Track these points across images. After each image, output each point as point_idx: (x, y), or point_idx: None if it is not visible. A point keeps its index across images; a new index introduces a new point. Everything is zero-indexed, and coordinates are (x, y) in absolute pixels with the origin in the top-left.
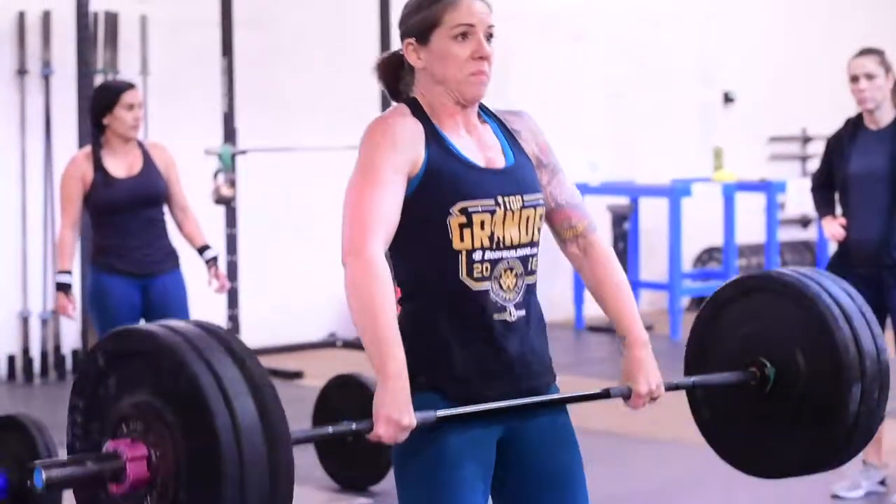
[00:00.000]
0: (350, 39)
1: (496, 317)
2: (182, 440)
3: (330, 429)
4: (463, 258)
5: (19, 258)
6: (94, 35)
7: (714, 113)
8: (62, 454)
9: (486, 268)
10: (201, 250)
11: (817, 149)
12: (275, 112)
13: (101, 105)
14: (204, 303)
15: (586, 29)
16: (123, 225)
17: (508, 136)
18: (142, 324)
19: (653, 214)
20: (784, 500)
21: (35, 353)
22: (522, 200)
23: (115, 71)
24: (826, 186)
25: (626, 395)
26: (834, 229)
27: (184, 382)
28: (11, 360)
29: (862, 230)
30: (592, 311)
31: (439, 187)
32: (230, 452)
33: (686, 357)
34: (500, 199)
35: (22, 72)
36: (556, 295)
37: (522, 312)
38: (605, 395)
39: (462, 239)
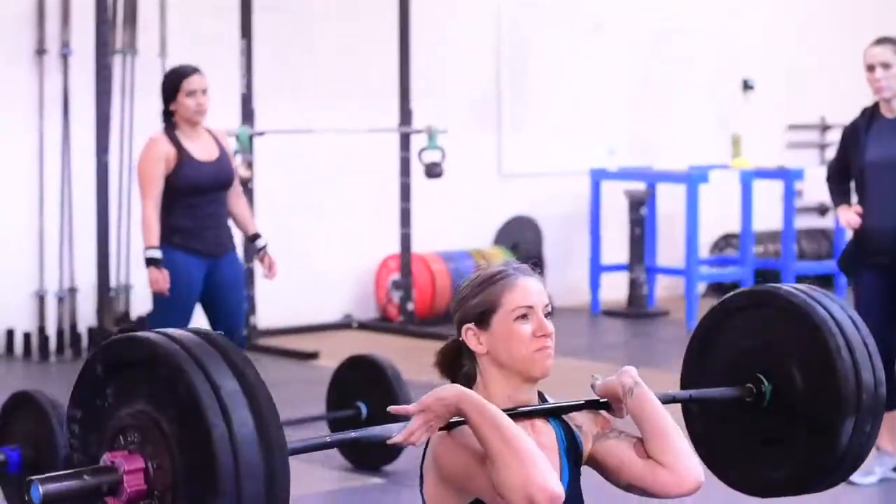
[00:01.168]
0: (370, 22)
1: None
2: (179, 452)
3: (328, 438)
4: None
5: (36, 237)
6: (113, 16)
7: (733, 100)
8: None
9: None
10: (253, 238)
11: (836, 137)
12: (293, 94)
13: (166, 91)
14: None
15: (606, 16)
16: (201, 207)
17: (569, 442)
18: (140, 332)
19: (670, 200)
20: None
21: (51, 331)
22: None
23: (134, 52)
24: (842, 175)
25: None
26: (849, 217)
27: (181, 392)
28: (27, 337)
29: (878, 218)
30: (608, 295)
31: None
32: (227, 465)
33: (684, 364)
34: None
35: (41, 52)
36: (571, 279)
37: None
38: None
39: None
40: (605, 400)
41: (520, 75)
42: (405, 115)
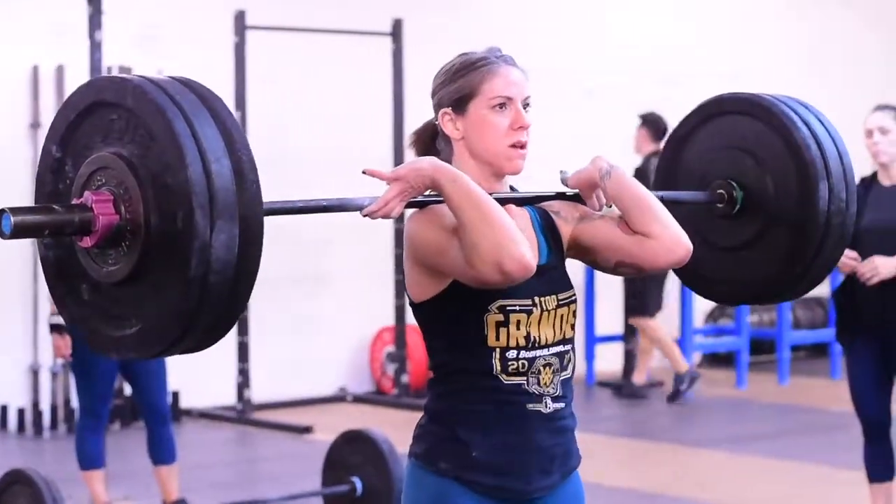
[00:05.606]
0: (364, 95)
1: (530, 407)
2: (147, 176)
3: (299, 203)
4: (497, 355)
5: (30, 312)
6: None
7: None
8: None
9: (522, 364)
10: None
11: None
12: (287, 167)
13: None
14: (216, 357)
15: (599, 84)
16: None
17: (546, 222)
18: (112, 75)
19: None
20: None
21: (45, 406)
22: (557, 300)
23: None
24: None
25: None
26: (848, 257)
27: (146, 111)
28: (21, 413)
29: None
30: (603, 366)
31: None
32: (197, 174)
33: (656, 175)
34: (536, 299)
35: (35, 125)
36: None
37: (560, 405)
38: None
39: (497, 337)
40: (577, 192)
41: None
42: None
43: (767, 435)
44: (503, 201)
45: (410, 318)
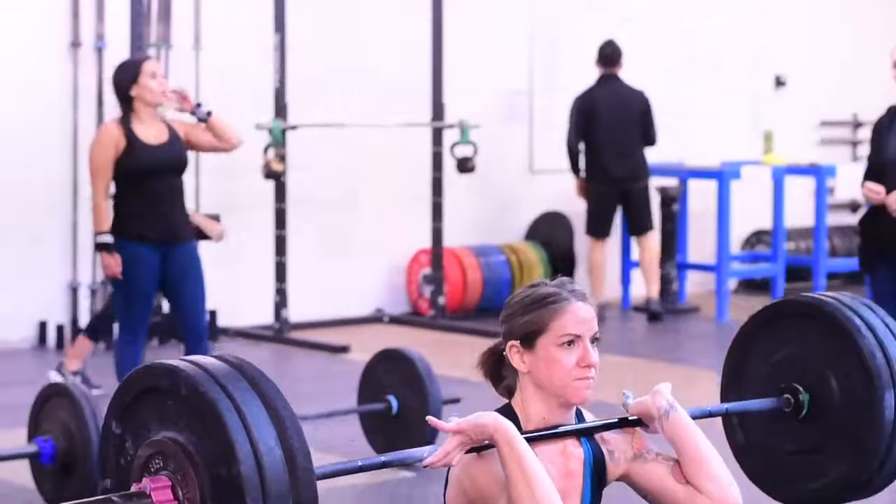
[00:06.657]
0: (402, 16)
1: None
2: (205, 471)
3: (360, 462)
4: None
5: (69, 230)
6: (147, 9)
7: (765, 96)
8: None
9: None
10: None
11: (868, 134)
12: (326, 88)
13: (126, 78)
14: (254, 277)
15: (637, 11)
16: (151, 191)
17: (598, 462)
18: (166, 360)
19: (702, 197)
20: None
21: (83, 323)
22: None
23: (168, 45)
24: (874, 174)
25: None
26: (873, 187)
27: (205, 411)
28: (60, 329)
29: None
30: (638, 291)
31: None
32: (252, 479)
33: (724, 375)
34: None
35: (76, 44)
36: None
37: None
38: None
39: None
40: (638, 417)
41: (551, 70)
42: (437, 110)
43: None
44: (566, 434)
45: (447, 240)
